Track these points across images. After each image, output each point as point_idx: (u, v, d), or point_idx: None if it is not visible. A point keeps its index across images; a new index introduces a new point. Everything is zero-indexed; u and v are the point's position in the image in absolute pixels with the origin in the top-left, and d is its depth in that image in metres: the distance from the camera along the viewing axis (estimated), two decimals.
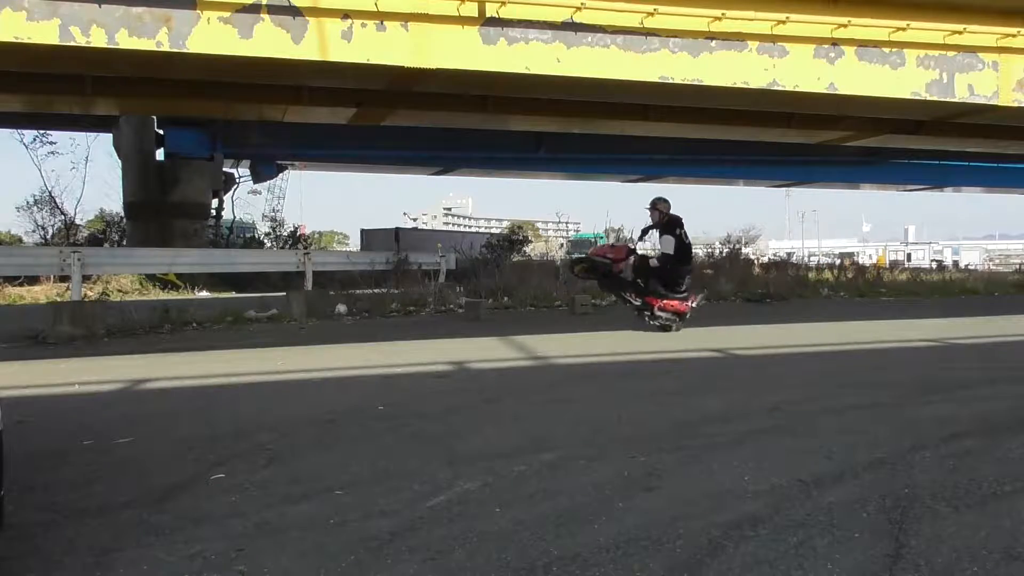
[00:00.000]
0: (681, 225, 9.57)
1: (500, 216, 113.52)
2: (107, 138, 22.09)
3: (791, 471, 3.48)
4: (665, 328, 9.42)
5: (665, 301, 9.43)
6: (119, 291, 16.23)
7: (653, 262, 9.66)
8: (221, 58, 7.44)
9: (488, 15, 7.90)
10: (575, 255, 10.80)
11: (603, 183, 39.86)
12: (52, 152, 27.44)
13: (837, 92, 9.11)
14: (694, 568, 2.47)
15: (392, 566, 2.51)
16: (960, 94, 9.48)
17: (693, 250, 10.83)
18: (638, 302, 9.61)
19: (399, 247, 19.35)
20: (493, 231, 49.43)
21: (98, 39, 6.94)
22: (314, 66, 7.85)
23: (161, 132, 20.54)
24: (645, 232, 10.13)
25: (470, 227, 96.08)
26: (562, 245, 33.93)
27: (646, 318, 9.54)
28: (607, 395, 5.60)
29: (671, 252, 9.38)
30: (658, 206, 9.68)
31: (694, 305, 9.64)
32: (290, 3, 7.37)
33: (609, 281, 10.13)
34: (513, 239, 25.96)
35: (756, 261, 21.50)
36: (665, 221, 9.57)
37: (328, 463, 3.73)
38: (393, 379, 6.30)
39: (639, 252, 10.10)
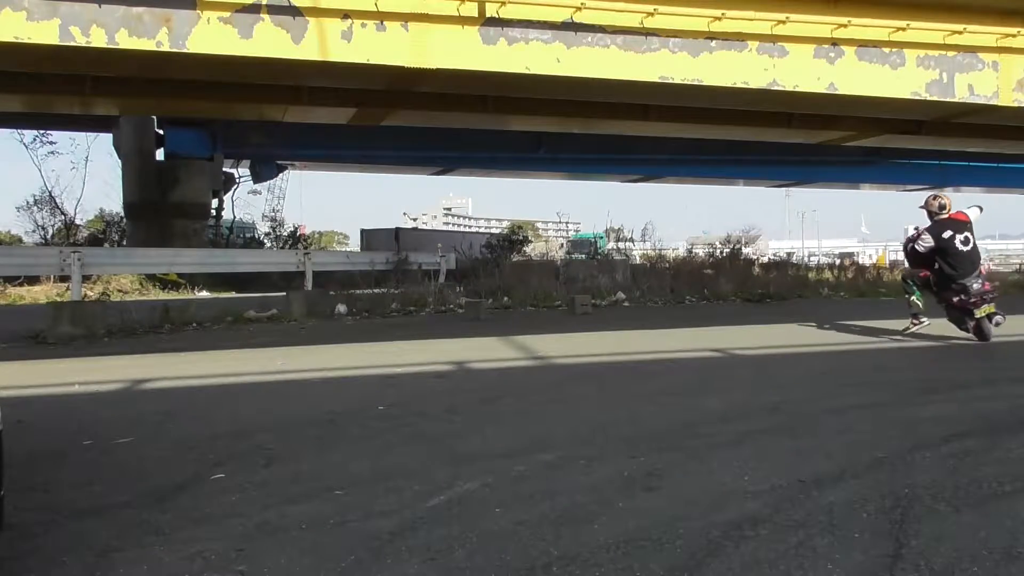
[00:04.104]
0: (951, 228, 8.09)
1: (500, 216, 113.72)
2: (107, 138, 22.13)
3: (791, 471, 3.48)
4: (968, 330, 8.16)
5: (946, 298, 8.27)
6: (119, 291, 16.25)
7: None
8: (221, 58, 7.45)
9: (488, 15, 7.91)
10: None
11: (603, 183, 39.91)
12: (52, 152, 27.56)
13: (837, 92, 9.12)
14: (694, 568, 2.47)
15: (392, 566, 2.51)
16: (960, 94, 9.49)
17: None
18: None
19: (399, 247, 19.37)
20: (493, 231, 49.40)
21: (98, 39, 6.95)
22: (314, 66, 7.86)
23: (161, 132, 20.56)
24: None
25: (470, 227, 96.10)
26: (562, 245, 33.88)
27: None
28: (607, 395, 5.59)
29: (927, 247, 8.22)
30: (927, 205, 8.39)
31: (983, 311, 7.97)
32: (290, 3, 7.38)
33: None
34: (513, 239, 25.94)
35: (756, 261, 21.45)
36: (933, 223, 8.28)
37: (328, 463, 3.72)
38: (393, 379, 6.30)
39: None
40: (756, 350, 8.02)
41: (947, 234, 8.10)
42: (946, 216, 8.23)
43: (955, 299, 8.13)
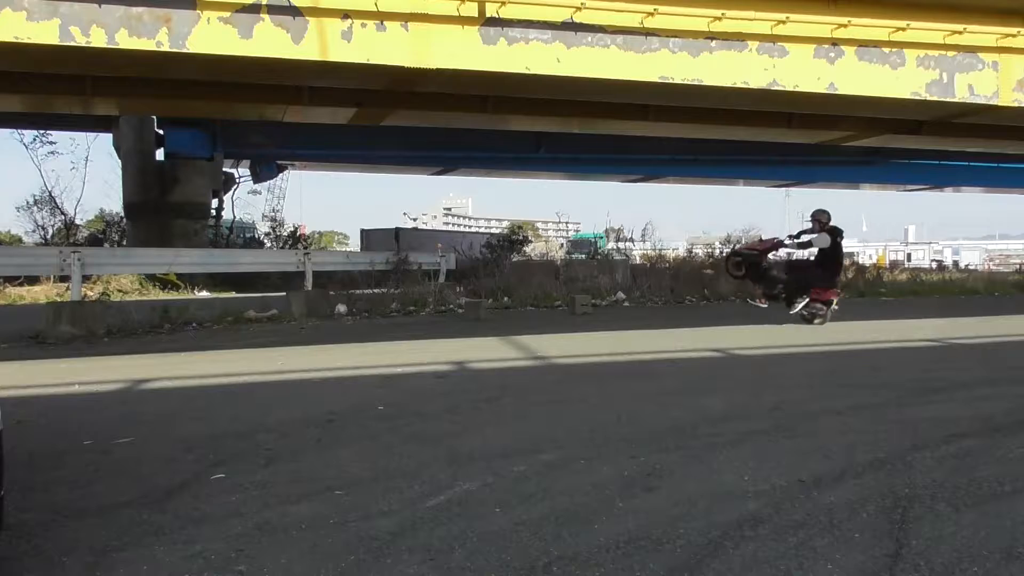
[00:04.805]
0: (839, 235, 10.32)
1: (500, 216, 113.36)
2: (107, 138, 22.10)
3: (791, 471, 3.48)
4: (808, 319, 10.17)
5: (816, 291, 10.17)
6: (119, 291, 16.22)
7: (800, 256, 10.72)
8: (221, 58, 7.44)
9: (488, 15, 7.90)
10: (729, 250, 12.28)
11: (603, 183, 39.95)
12: (52, 152, 27.51)
13: (837, 92, 9.12)
14: (694, 568, 2.47)
15: (392, 566, 2.51)
16: (960, 94, 9.49)
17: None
18: (778, 293, 10.53)
19: (399, 247, 19.34)
20: (493, 231, 49.31)
21: (98, 39, 6.95)
22: (314, 66, 7.86)
23: (161, 132, 20.54)
24: (798, 235, 10.65)
25: (470, 227, 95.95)
26: (562, 245, 33.84)
27: (794, 309, 10.27)
28: (607, 395, 5.59)
29: (825, 247, 10.21)
30: (819, 217, 10.38)
31: (835, 301, 10.31)
32: (290, 3, 7.38)
33: (757, 272, 10.71)
34: (513, 239, 25.88)
35: None
36: (826, 229, 10.28)
37: (328, 463, 3.72)
38: (393, 379, 6.30)
39: (787, 247, 10.98)
40: (756, 350, 8.02)
41: (839, 238, 10.25)
42: (831, 225, 10.24)
43: (830, 291, 10.19)
